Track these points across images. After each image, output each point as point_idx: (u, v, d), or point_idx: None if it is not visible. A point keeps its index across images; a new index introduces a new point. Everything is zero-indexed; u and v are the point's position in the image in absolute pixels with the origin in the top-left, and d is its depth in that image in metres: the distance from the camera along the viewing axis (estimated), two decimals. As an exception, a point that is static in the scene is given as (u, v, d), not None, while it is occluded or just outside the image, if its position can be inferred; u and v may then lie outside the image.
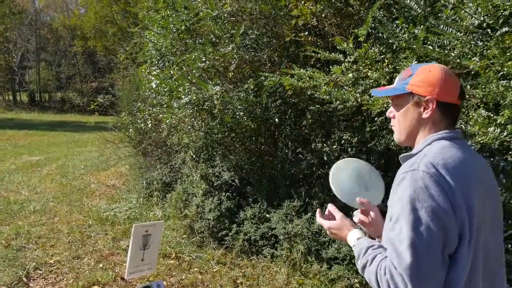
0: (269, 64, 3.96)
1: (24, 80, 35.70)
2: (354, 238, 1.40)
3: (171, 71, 4.25)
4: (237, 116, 3.90)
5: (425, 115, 1.30)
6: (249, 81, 3.77)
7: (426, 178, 1.15)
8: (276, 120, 3.97)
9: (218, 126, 4.10)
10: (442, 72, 1.29)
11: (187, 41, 4.25)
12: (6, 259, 4.15)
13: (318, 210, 1.58)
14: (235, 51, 3.77)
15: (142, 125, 5.68)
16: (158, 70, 4.72)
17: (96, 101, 9.14)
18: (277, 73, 3.54)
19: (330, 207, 1.56)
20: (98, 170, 8.87)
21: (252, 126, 4.08)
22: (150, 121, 5.31)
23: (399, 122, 1.38)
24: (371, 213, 1.53)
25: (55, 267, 4.10)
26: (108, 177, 8.17)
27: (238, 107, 3.86)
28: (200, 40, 4.20)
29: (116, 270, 4.04)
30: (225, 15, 3.88)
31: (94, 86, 33.87)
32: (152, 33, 4.71)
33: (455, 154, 1.22)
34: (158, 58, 4.74)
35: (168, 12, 4.47)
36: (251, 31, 3.86)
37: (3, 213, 5.66)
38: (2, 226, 5.16)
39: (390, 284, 1.14)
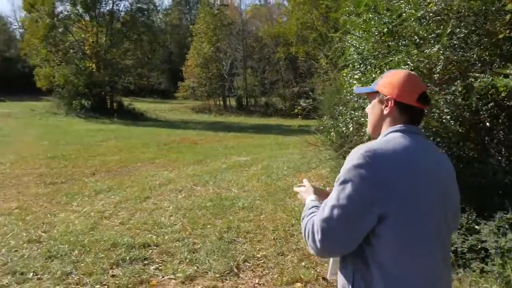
0: (479, 64, 3.85)
1: (233, 86, 40.49)
2: (309, 199, 1.72)
3: (373, 75, 4.46)
4: (443, 120, 3.90)
5: (385, 111, 1.57)
6: (456, 83, 3.75)
7: (361, 159, 1.40)
8: (487, 124, 3.83)
9: (423, 130, 4.12)
10: (404, 77, 1.55)
11: (390, 43, 4.41)
12: (219, 250, 4.71)
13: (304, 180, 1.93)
14: (441, 51, 3.79)
15: (344, 128, 5.98)
16: (360, 74, 4.97)
17: (299, 105, 9.92)
18: (488, 73, 3.44)
19: (305, 181, 1.90)
20: (300, 171, 9.60)
21: (460, 130, 4.01)
22: (351, 124, 5.58)
23: (369, 116, 1.66)
24: None
25: (262, 261, 4.53)
26: (309, 179, 8.76)
27: (445, 110, 3.85)
28: (404, 42, 4.31)
29: (318, 270, 4.25)
30: (430, 14, 3.93)
31: (295, 90, 36.23)
32: (354, 37, 5.00)
33: (399, 143, 1.46)
34: (360, 62, 5.00)
35: (370, 15, 4.69)
36: (458, 29, 3.83)
37: (217, 208, 6.56)
38: (216, 220, 5.99)
39: (309, 231, 1.47)
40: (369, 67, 4.82)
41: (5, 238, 4.93)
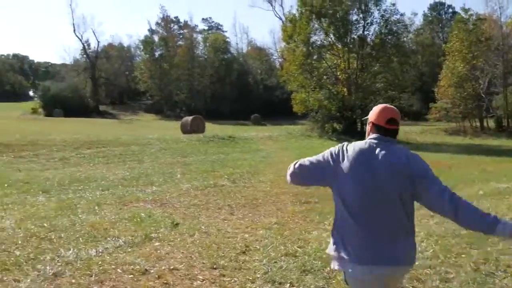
0: None
1: (491, 106, 37.34)
2: None
3: None
4: None
5: (368, 128, 2.61)
6: None
7: (339, 145, 2.56)
8: None
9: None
10: (379, 108, 2.57)
11: None
12: (475, 282, 4.47)
13: None
14: None
15: None
16: None
17: None
18: None
19: None
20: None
21: None
22: None
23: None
24: None
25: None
26: None
27: None
28: None
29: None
30: None
31: None
32: None
33: (360, 144, 2.48)
34: None
35: None
36: None
37: (472, 237, 6.06)
38: (472, 249, 5.56)
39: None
40: None
41: (266, 250, 5.51)
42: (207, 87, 65.18)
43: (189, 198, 8.86)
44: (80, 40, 70.77)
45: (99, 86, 71.33)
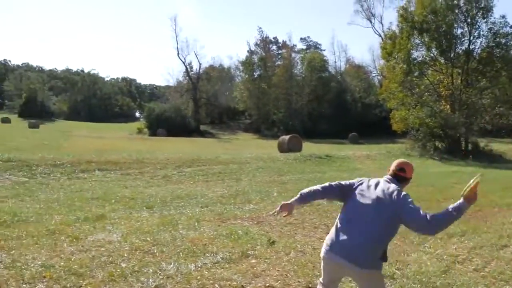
0: None
1: None
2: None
3: None
4: None
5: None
6: None
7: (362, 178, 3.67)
8: None
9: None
10: (395, 162, 3.66)
11: None
12: None
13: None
14: None
15: None
16: None
17: None
18: None
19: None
20: None
21: None
22: None
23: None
24: None
25: None
26: None
27: None
28: None
29: None
30: None
31: None
32: None
33: (375, 179, 3.58)
34: None
35: None
36: None
37: None
38: None
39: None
40: None
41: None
42: (305, 105, 65.55)
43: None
44: (183, 63, 75.27)
45: (200, 107, 74.76)
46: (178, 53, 74.37)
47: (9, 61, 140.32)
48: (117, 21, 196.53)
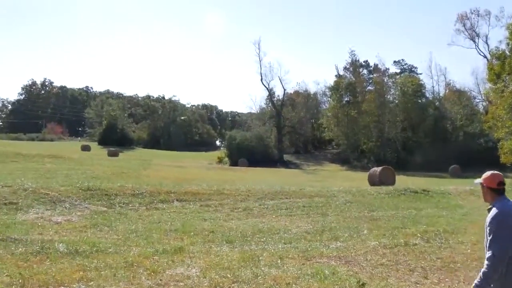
0: None
1: None
2: None
3: None
4: None
5: (484, 191, 4.12)
6: None
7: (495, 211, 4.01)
8: None
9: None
10: (488, 174, 4.08)
11: None
12: None
13: None
14: None
15: None
16: None
17: None
18: None
19: None
20: None
21: None
22: None
23: (482, 194, 4.20)
24: None
25: None
26: None
27: None
28: None
29: None
30: None
31: None
32: None
33: (501, 205, 3.96)
34: None
35: None
36: None
37: None
38: None
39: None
40: None
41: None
42: (398, 134, 64.13)
43: (376, 256, 8.74)
44: (267, 89, 76.94)
45: (284, 135, 75.49)
46: (261, 79, 76.32)
47: (91, 88, 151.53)
48: (198, 46, 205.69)
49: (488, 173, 4.07)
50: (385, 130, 64.99)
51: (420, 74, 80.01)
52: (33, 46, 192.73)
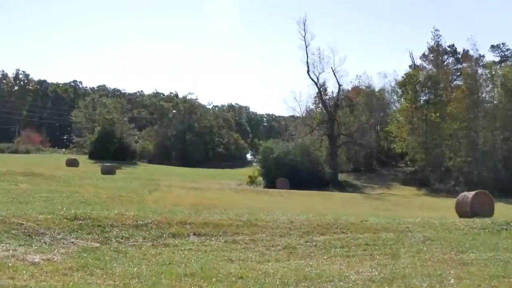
0: None
1: None
2: None
3: None
4: None
5: None
6: None
7: None
8: None
9: None
10: None
11: None
12: None
13: None
14: None
15: None
16: None
17: None
18: None
19: None
20: None
21: None
22: None
23: None
24: None
25: None
26: None
27: None
28: None
29: None
30: None
31: None
32: None
33: None
34: None
35: None
36: None
37: None
38: None
39: None
40: None
41: None
42: (498, 146, 62.94)
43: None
44: (316, 84, 76.27)
45: (339, 146, 74.79)
46: (308, 70, 75.78)
47: (80, 83, 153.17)
48: (221, 26, 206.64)
49: None
50: (479, 140, 63.93)
51: (528, 62, 78.80)
52: (2, 30, 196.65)
